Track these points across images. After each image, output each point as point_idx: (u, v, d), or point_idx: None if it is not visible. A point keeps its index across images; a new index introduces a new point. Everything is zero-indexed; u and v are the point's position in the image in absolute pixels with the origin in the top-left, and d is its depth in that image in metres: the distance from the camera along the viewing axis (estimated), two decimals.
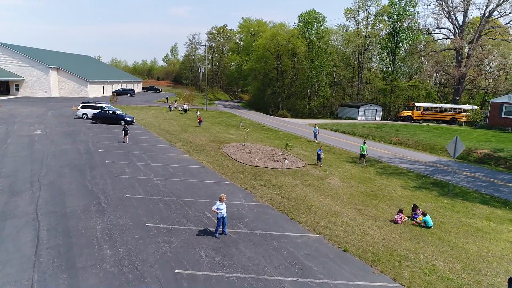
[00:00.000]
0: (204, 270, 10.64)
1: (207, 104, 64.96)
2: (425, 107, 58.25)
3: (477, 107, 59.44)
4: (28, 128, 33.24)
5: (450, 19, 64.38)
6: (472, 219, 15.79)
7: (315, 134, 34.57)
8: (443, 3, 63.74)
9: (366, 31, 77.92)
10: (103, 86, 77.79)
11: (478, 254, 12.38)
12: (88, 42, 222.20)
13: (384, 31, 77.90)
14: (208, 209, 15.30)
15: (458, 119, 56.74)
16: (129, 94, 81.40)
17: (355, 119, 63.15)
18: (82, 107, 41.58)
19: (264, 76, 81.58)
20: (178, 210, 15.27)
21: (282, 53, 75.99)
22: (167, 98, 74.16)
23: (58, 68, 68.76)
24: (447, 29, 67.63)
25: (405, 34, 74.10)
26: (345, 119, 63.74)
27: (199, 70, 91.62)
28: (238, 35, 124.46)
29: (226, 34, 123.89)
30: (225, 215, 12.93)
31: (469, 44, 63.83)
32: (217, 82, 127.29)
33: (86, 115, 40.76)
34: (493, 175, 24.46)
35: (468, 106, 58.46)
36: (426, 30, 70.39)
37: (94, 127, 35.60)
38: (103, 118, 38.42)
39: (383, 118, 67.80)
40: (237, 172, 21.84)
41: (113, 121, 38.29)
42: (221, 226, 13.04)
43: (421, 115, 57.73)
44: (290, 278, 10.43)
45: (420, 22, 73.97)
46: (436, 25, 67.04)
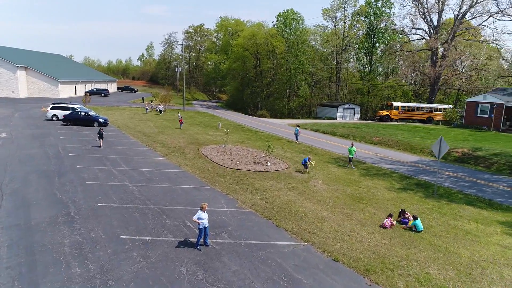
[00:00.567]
0: None
1: (185, 104, 63.43)
2: (402, 107, 59.01)
3: (452, 106, 60.78)
4: None
5: (425, 20, 65.68)
6: (460, 222, 15.51)
7: (296, 135, 34.01)
8: (419, 4, 64.90)
9: (344, 31, 78.50)
10: (76, 86, 74.69)
11: (471, 260, 12.00)
12: (58, 41, 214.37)
13: (361, 31, 78.76)
14: (188, 217, 14.31)
15: (434, 118, 57.81)
16: (103, 94, 78.60)
17: (334, 119, 63.30)
18: (52, 108, 39.42)
19: (242, 75, 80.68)
20: (156, 219, 14.20)
21: (261, 52, 75.39)
22: (143, 99, 72.01)
23: (26, 67, 65.36)
24: (423, 29, 68.97)
25: (381, 34, 75.06)
26: (324, 119, 63.77)
27: (176, 70, 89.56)
28: (215, 34, 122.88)
29: (203, 33, 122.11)
30: (207, 225, 12.02)
31: (443, 44, 65.29)
32: (194, 82, 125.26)
33: (57, 117, 38.64)
34: (474, 175, 24.57)
35: (443, 106, 59.69)
36: (402, 31, 71.51)
37: (65, 130, 33.69)
38: (75, 119, 36.48)
39: (361, 117, 68.35)
40: (218, 176, 20.88)
41: (85, 122, 36.44)
42: (202, 237, 12.11)
43: (398, 115, 58.44)
44: None
45: (396, 23, 75.14)
46: (411, 25, 68.28)
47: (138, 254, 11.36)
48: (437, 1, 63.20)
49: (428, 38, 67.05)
